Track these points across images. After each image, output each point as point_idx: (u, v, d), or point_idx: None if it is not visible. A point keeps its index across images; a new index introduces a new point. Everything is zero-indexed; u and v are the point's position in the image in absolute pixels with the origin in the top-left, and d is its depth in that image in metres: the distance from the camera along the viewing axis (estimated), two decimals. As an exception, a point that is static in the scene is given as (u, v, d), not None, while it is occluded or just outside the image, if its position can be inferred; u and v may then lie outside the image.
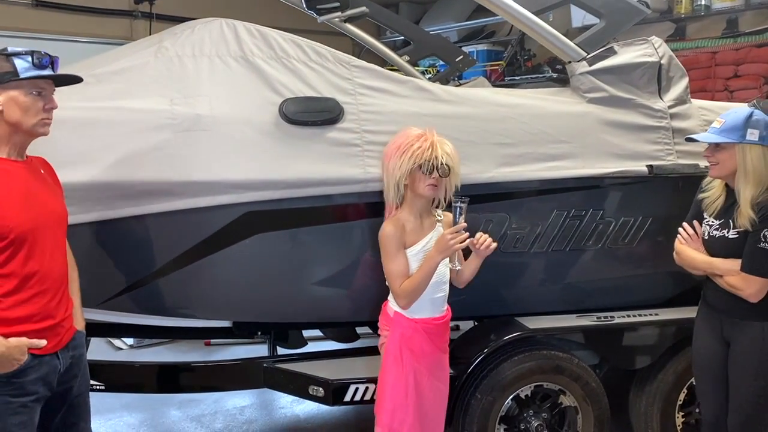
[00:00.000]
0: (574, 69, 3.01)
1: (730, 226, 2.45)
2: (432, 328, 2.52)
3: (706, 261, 2.52)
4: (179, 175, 2.53)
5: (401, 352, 2.48)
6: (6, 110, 1.97)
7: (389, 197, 2.50)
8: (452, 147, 2.46)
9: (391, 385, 2.48)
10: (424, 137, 2.43)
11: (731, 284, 2.43)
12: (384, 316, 2.57)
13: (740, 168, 2.40)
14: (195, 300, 2.84)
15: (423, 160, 2.38)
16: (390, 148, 2.48)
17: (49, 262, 2.04)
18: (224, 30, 2.73)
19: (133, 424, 3.84)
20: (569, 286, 3.10)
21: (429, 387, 2.52)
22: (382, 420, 2.50)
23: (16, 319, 1.97)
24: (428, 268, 2.42)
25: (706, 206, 2.56)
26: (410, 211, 2.49)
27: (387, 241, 2.44)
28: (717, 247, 2.49)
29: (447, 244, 2.38)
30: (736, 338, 2.49)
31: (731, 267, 2.43)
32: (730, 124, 2.40)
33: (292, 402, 4.10)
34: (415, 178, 2.43)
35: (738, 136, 2.38)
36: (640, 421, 3.13)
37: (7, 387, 1.97)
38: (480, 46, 7.56)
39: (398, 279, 2.44)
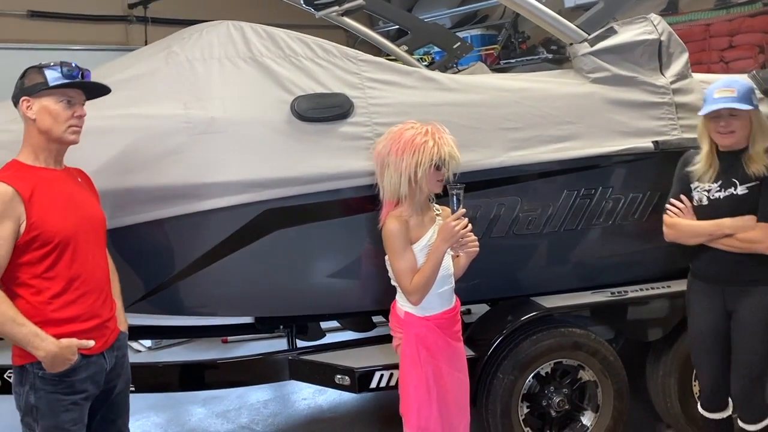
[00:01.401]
0: (576, 50, 3.06)
1: (735, 183, 2.49)
2: (444, 322, 2.53)
3: (713, 224, 2.52)
4: (197, 178, 2.59)
5: (418, 352, 2.49)
6: (38, 119, 2.07)
7: (393, 193, 2.44)
8: (453, 138, 2.44)
9: (413, 386, 2.49)
10: (432, 133, 2.39)
11: (748, 239, 2.44)
12: (395, 318, 2.57)
13: (755, 131, 2.49)
14: (217, 299, 2.90)
15: (438, 158, 2.36)
16: (397, 146, 2.40)
17: (92, 265, 2.14)
18: (231, 32, 2.77)
19: (161, 423, 3.91)
20: (582, 264, 3.17)
21: (449, 379, 2.54)
22: (410, 420, 2.50)
23: (65, 320, 2.07)
24: (436, 258, 2.40)
25: (699, 177, 2.58)
26: (411, 206, 2.45)
27: (394, 239, 2.41)
28: (725, 206, 2.51)
29: (451, 231, 2.36)
30: (742, 305, 2.53)
31: (743, 224, 2.45)
32: (742, 92, 2.46)
33: (314, 393, 4.17)
34: (429, 174, 2.39)
35: (751, 102, 2.47)
36: (658, 392, 3.21)
37: (59, 386, 2.06)
38: (474, 30, 7.59)
39: (408, 275, 2.41)
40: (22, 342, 2.01)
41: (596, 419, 3.06)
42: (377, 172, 2.51)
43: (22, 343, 2.01)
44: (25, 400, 2.08)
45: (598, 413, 3.06)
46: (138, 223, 2.64)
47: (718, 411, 2.68)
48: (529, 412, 3.01)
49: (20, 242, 2.01)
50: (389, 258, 2.47)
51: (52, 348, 2.01)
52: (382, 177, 2.47)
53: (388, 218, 2.46)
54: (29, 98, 2.08)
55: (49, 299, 2.05)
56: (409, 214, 2.45)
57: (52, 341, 2.02)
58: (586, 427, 3.07)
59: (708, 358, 2.66)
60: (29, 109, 2.08)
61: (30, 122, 2.10)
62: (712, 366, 2.65)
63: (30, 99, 2.08)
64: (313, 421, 3.89)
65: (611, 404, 3.05)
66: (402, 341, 2.54)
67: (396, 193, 2.43)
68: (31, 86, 2.08)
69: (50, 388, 2.06)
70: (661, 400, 3.21)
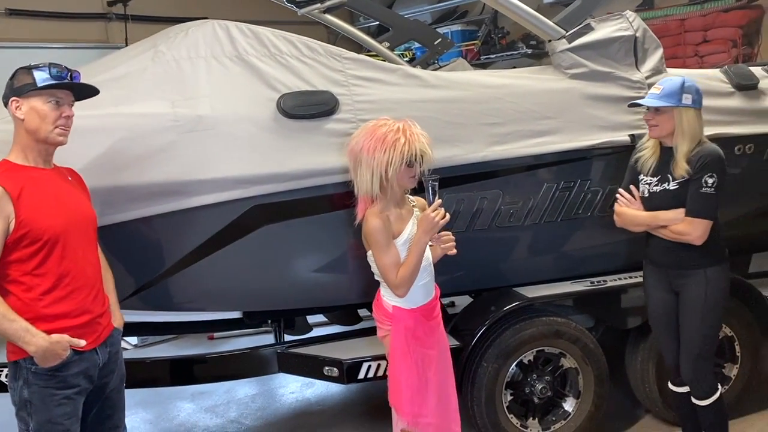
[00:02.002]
0: (555, 47, 3.14)
1: (669, 179, 2.67)
2: (428, 310, 2.61)
3: (650, 215, 2.73)
4: (186, 175, 2.63)
5: (407, 343, 2.54)
6: (27, 119, 2.11)
7: (369, 190, 2.46)
8: (425, 134, 2.48)
9: (404, 376, 2.54)
10: (403, 130, 2.42)
11: (677, 231, 2.64)
12: (380, 311, 2.61)
13: (678, 128, 2.64)
14: (206, 294, 2.95)
15: (410, 155, 2.40)
16: (369, 143, 2.43)
17: (82, 262, 2.17)
18: (217, 31, 2.81)
19: (150, 419, 3.95)
20: (563, 255, 3.26)
21: (437, 363, 2.61)
22: (403, 409, 2.56)
23: (56, 316, 2.11)
24: (419, 250, 2.45)
25: (642, 164, 2.77)
26: (389, 201, 2.49)
27: (377, 235, 2.44)
28: (659, 200, 2.70)
29: (431, 222, 2.41)
30: (683, 287, 2.72)
31: (674, 216, 2.65)
32: (668, 90, 2.64)
33: (302, 387, 4.23)
34: (399, 172, 2.42)
35: (676, 100, 2.62)
36: (637, 377, 3.31)
37: (51, 380, 2.10)
38: (454, 26, 7.67)
39: (394, 270, 2.45)
40: (13, 337, 2.05)
41: (578, 405, 3.16)
42: (351, 168, 2.54)
43: (13, 339, 2.05)
44: (19, 394, 2.13)
45: (579, 399, 3.16)
46: (128, 221, 2.67)
47: (683, 385, 2.84)
48: (512, 399, 3.10)
49: (10, 240, 2.05)
50: (373, 254, 2.51)
51: (43, 343, 2.05)
52: (356, 173, 2.50)
53: (369, 215, 2.49)
54: (18, 99, 2.11)
55: (40, 295, 2.09)
56: (389, 209, 2.50)
57: (43, 336, 2.06)
58: (568, 413, 3.17)
59: (663, 333, 2.84)
60: (18, 109, 2.12)
61: (19, 122, 2.13)
62: (669, 339, 2.82)
63: (19, 99, 2.11)
64: (301, 414, 3.94)
65: (592, 390, 3.15)
66: (391, 334, 2.59)
67: (368, 190, 2.46)
68: (19, 87, 2.12)
69: (43, 383, 2.10)
70: (639, 385, 3.31)
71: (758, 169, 3.41)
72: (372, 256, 2.53)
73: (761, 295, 3.32)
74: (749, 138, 3.32)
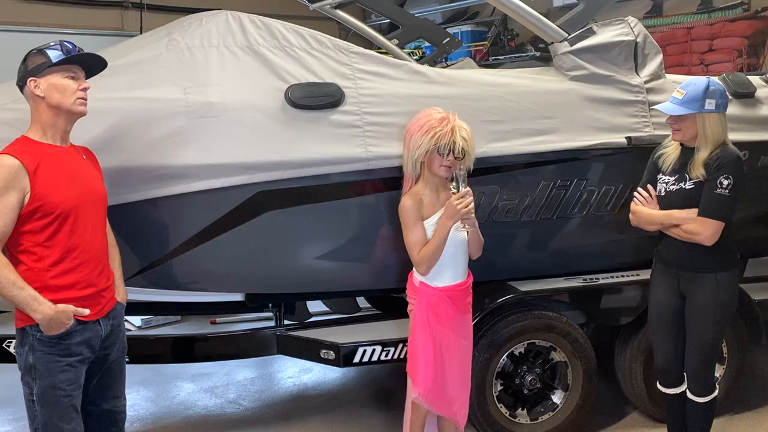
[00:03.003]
0: (557, 49, 3.23)
1: (686, 178, 2.70)
2: (455, 293, 2.73)
3: (664, 214, 2.75)
4: (195, 159, 2.73)
5: (428, 319, 2.70)
6: (47, 95, 2.22)
7: (407, 171, 2.71)
8: (470, 132, 2.65)
9: (421, 349, 2.70)
10: (446, 120, 2.62)
11: (689, 230, 2.67)
12: (410, 286, 2.78)
13: (700, 134, 2.65)
14: (209, 275, 3.05)
15: (442, 143, 2.58)
16: (413, 126, 2.67)
17: (90, 236, 2.28)
18: (230, 22, 2.91)
19: (151, 397, 4.06)
20: (557, 252, 3.35)
21: (455, 346, 2.75)
22: (417, 379, 2.71)
23: (62, 286, 2.21)
24: (441, 234, 2.62)
25: (662, 162, 2.79)
26: (426, 185, 2.68)
27: (406, 213, 2.65)
28: (675, 199, 2.73)
29: (455, 209, 2.57)
30: (693, 290, 2.74)
31: (687, 215, 2.67)
32: (691, 95, 2.63)
33: (300, 372, 4.33)
34: (432, 158, 2.62)
35: (698, 106, 2.62)
36: (624, 374, 3.40)
37: (55, 347, 2.21)
38: (464, 26, 7.73)
39: (416, 247, 2.64)
40: (21, 304, 2.15)
41: (566, 398, 3.25)
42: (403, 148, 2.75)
43: (21, 306, 2.16)
44: (25, 360, 2.23)
45: (567, 392, 3.25)
46: (137, 201, 2.78)
47: (674, 386, 2.89)
48: (502, 389, 3.19)
49: (24, 212, 2.15)
50: (403, 231, 2.68)
51: (49, 312, 2.15)
52: (403, 153, 2.72)
53: (404, 195, 2.70)
54: (36, 78, 2.22)
55: (49, 266, 2.19)
56: (424, 192, 2.68)
57: (49, 305, 2.16)
58: (556, 405, 3.26)
59: (662, 333, 2.87)
60: (37, 87, 2.22)
61: (39, 100, 2.23)
62: (665, 341, 2.86)
63: (37, 79, 2.22)
64: (298, 397, 4.05)
65: (580, 384, 3.24)
66: (415, 308, 2.74)
67: (406, 169, 2.70)
68: (35, 67, 2.23)
69: (47, 350, 2.21)
70: (627, 381, 3.40)
71: (753, 176, 3.48)
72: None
73: (749, 298, 3.40)
74: (744, 145, 3.35)
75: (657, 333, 2.91)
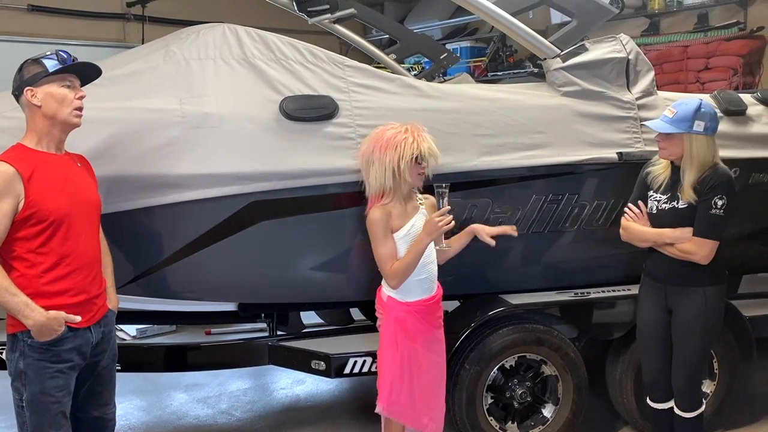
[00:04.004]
0: (550, 65, 3.27)
1: (678, 198, 2.72)
2: (423, 308, 2.73)
3: (656, 232, 2.77)
4: (190, 169, 2.76)
5: (395, 334, 2.70)
6: (44, 105, 2.25)
7: (378, 188, 2.66)
8: (431, 137, 2.69)
9: (388, 364, 2.72)
10: (411, 131, 2.64)
11: (684, 250, 2.69)
12: (379, 300, 2.79)
13: (686, 154, 2.67)
14: (203, 284, 3.07)
15: (418, 152, 2.61)
16: (377, 144, 2.64)
17: (83, 244, 2.30)
18: (227, 34, 2.96)
19: (143, 406, 4.07)
20: (549, 265, 3.37)
21: (426, 361, 2.75)
22: (382, 394, 2.73)
23: (54, 293, 2.23)
24: (417, 250, 2.64)
25: (652, 180, 2.81)
26: (395, 197, 2.68)
27: (376, 226, 2.64)
28: (667, 217, 2.75)
29: (435, 227, 2.60)
30: (680, 304, 2.76)
31: (680, 235, 2.69)
32: (681, 115, 2.66)
33: (292, 383, 4.34)
34: (409, 168, 2.64)
35: (686, 126, 2.64)
36: (615, 388, 3.40)
37: (46, 354, 2.23)
38: (463, 43, 7.82)
39: (388, 261, 2.64)
40: (13, 310, 2.17)
41: (556, 412, 3.26)
42: (363, 170, 2.74)
43: (13, 312, 2.18)
44: (15, 365, 2.25)
45: (558, 406, 3.26)
46: (132, 209, 2.80)
47: (663, 401, 2.90)
48: (493, 402, 3.20)
49: (18, 218, 2.18)
50: (372, 244, 2.68)
51: (40, 318, 2.17)
52: (368, 174, 2.70)
53: (372, 208, 2.69)
54: (32, 87, 2.25)
55: (41, 273, 2.22)
56: (393, 205, 2.68)
57: (41, 312, 2.18)
58: (546, 419, 3.26)
59: (650, 348, 2.89)
60: (34, 97, 2.25)
61: (35, 109, 2.27)
62: (653, 356, 2.88)
63: (33, 88, 2.25)
64: (291, 409, 4.05)
65: (571, 398, 3.24)
66: (382, 322, 2.76)
67: (381, 186, 2.67)
68: (31, 76, 2.26)
69: (38, 356, 2.22)
70: (618, 396, 3.40)
71: (745, 193, 3.50)
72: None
73: (740, 314, 3.42)
74: (735, 162, 3.40)
75: (645, 348, 2.93)
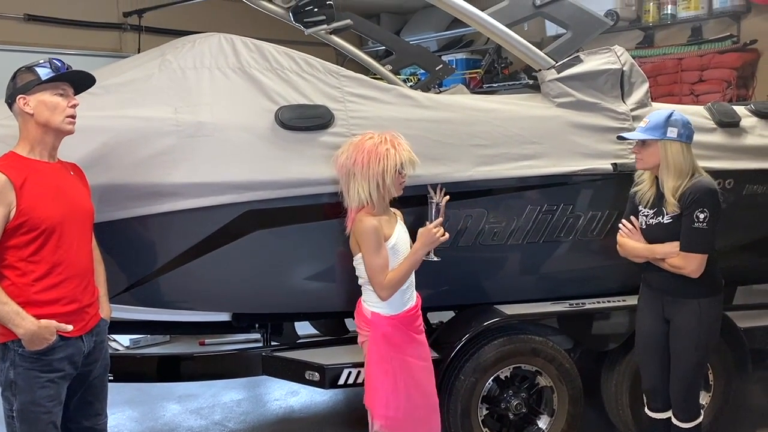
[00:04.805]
0: (544, 76, 3.28)
1: (663, 213, 2.76)
2: (407, 319, 2.73)
3: (647, 248, 2.81)
4: (185, 178, 2.75)
5: (386, 350, 2.68)
6: (36, 113, 2.24)
7: (361, 200, 2.63)
8: (407, 143, 2.68)
9: (380, 380, 2.68)
10: (390, 141, 2.63)
11: (674, 265, 2.72)
12: (360, 317, 2.75)
13: (662, 162, 2.72)
14: (197, 293, 3.06)
15: (400, 163, 2.61)
16: (361, 155, 2.62)
17: (75, 252, 2.29)
18: (223, 44, 2.96)
19: (136, 417, 4.03)
20: (544, 276, 3.37)
21: (414, 368, 2.74)
22: (377, 411, 2.69)
23: (46, 302, 2.22)
24: (414, 260, 2.64)
25: (640, 198, 2.86)
26: (378, 208, 2.67)
27: (371, 236, 2.59)
28: (656, 233, 2.79)
29: (432, 237, 2.61)
30: (676, 315, 2.78)
31: (669, 250, 2.73)
32: (653, 123, 2.72)
33: (286, 394, 4.31)
34: (394, 179, 2.62)
35: (660, 133, 2.70)
36: (611, 399, 3.39)
37: (36, 363, 2.21)
38: (459, 54, 7.85)
39: (383, 272, 2.61)
40: (4, 319, 2.16)
41: (552, 423, 3.24)
42: (342, 183, 2.72)
43: (3, 321, 2.16)
44: (5, 375, 2.23)
45: (553, 417, 3.24)
46: (126, 218, 2.79)
47: (662, 411, 2.90)
48: (488, 413, 3.18)
49: (9, 227, 2.17)
50: (363, 255, 2.64)
51: (31, 327, 2.16)
52: (348, 186, 2.68)
53: (363, 217, 2.65)
54: (25, 96, 2.24)
55: (33, 281, 2.20)
56: (379, 215, 2.67)
57: (32, 321, 2.16)
58: (541, 430, 3.25)
59: (648, 358, 2.90)
60: (26, 105, 2.24)
61: (28, 117, 2.26)
62: (652, 365, 2.89)
63: (26, 96, 2.24)
64: (284, 420, 4.03)
65: (566, 409, 3.23)
66: (369, 339, 2.71)
67: (365, 199, 2.63)
68: (24, 84, 2.25)
69: (28, 365, 2.20)
70: (613, 407, 3.39)
71: (738, 204, 3.52)
72: (361, 257, 2.65)
73: (735, 326, 3.42)
74: (729, 173, 3.43)
75: (643, 357, 2.94)
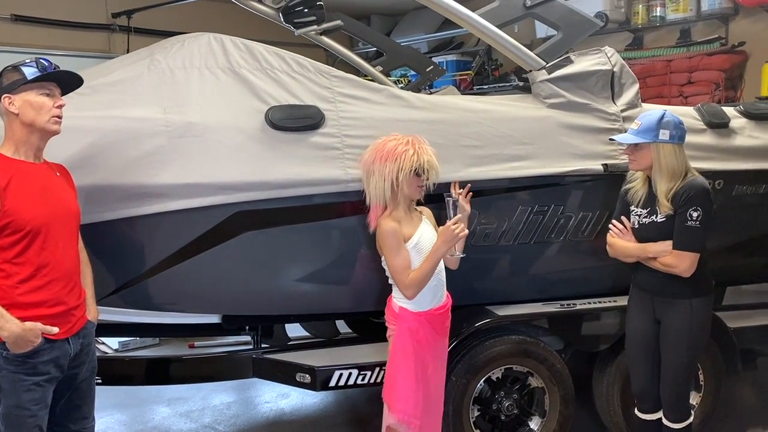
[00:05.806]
0: (535, 77, 3.28)
1: (657, 212, 2.75)
2: (435, 317, 2.74)
3: (639, 247, 2.80)
4: (174, 178, 2.73)
5: (411, 345, 2.70)
6: (22, 112, 2.21)
7: (378, 198, 2.67)
8: (432, 150, 2.70)
9: (402, 375, 2.69)
10: (412, 143, 2.65)
11: (665, 263, 2.71)
12: (390, 312, 2.78)
13: (655, 164, 2.72)
14: (186, 295, 3.03)
15: (418, 165, 2.62)
16: (378, 154, 2.66)
17: (61, 254, 2.26)
18: (212, 44, 2.94)
19: (125, 421, 3.99)
20: (535, 277, 3.36)
21: (433, 372, 2.76)
22: (396, 406, 2.70)
23: (31, 304, 2.18)
24: (436, 258, 2.65)
25: (632, 196, 2.86)
26: (398, 208, 2.70)
27: (390, 237, 2.63)
28: (648, 232, 2.78)
29: (452, 234, 2.61)
30: (667, 315, 2.78)
31: (662, 249, 2.72)
32: (645, 125, 2.72)
33: (277, 397, 4.29)
34: (410, 179, 2.65)
35: (652, 136, 2.69)
36: (602, 400, 3.39)
37: (21, 366, 2.17)
38: (449, 56, 7.84)
39: (405, 271, 2.63)
40: None
41: (543, 424, 3.24)
42: (363, 180, 2.75)
43: None
44: None
45: (545, 418, 3.24)
46: (113, 220, 2.76)
47: (651, 412, 2.90)
48: (479, 414, 3.18)
49: None
50: (385, 256, 2.68)
51: (16, 329, 2.12)
52: (368, 183, 2.71)
53: (383, 219, 2.68)
54: (10, 95, 2.21)
55: (17, 283, 2.17)
56: (399, 215, 2.69)
57: (16, 323, 2.13)
58: (533, 431, 3.24)
59: (638, 358, 2.89)
60: (11, 104, 2.21)
61: (12, 117, 2.23)
62: (642, 366, 2.88)
63: (11, 96, 2.21)
64: (275, 423, 4.00)
65: (558, 410, 3.23)
66: (394, 333, 2.73)
67: (381, 197, 2.68)
68: (10, 84, 2.22)
69: (13, 369, 2.17)
70: (605, 408, 3.39)
71: (727, 205, 3.53)
72: (384, 259, 2.68)
73: (725, 326, 3.43)
74: (718, 174, 3.44)
75: (634, 358, 2.93)
